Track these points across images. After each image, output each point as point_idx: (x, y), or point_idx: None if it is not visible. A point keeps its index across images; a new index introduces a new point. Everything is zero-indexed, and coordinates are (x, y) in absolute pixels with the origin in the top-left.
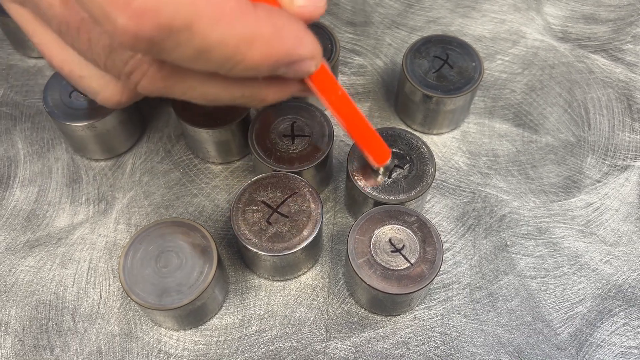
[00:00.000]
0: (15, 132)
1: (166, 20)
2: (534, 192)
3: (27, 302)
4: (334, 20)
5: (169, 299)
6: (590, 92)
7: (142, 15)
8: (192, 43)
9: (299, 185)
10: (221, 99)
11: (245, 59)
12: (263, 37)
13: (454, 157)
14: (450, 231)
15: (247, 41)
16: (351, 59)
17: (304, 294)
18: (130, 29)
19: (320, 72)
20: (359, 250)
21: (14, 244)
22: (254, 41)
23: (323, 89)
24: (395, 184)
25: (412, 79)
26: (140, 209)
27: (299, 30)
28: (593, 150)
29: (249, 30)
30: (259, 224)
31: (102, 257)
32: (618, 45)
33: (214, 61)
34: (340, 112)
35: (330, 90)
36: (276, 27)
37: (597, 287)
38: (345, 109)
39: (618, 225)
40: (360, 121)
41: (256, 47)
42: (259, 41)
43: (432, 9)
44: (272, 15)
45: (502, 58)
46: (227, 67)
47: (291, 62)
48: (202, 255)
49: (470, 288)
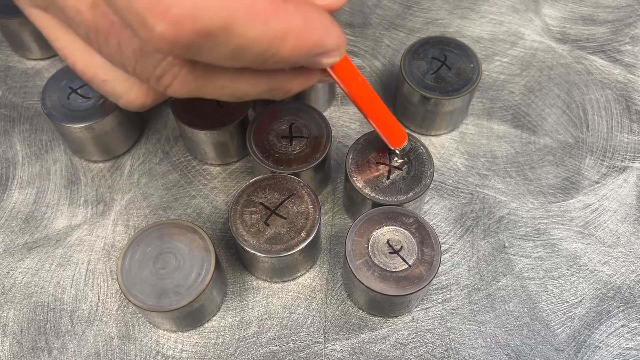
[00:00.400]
0: (13, 133)
1: (204, 24)
2: (532, 194)
3: (25, 304)
4: None
5: (167, 300)
6: (589, 93)
7: (180, 21)
8: (230, 43)
9: (297, 187)
10: (250, 95)
11: (279, 53)
12: (294, 30)
13: (452, 158)
14: (448, 232)
15: (281, 36)
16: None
17: (302, 295)
18: (169, 36)
19: (342, 61)
20: (357, 251)
21: (12, 245)
22: (287, 35)
23: (344, 77)
24: (393, 185)
25: (410, 80)
26: (138, 210)
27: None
28: (591, 152)
29: (282, 26)
30: (257, 225)
31: (100, 259)
32: (616, 46)
33: (249, 58)
34: (360, 98)
35: (351, 78)
36: (306, 19)
37: (596, 289)
38: (365, 95)
39: (616, 226)
40: (379, 106)
41: (289, 40)
42: (291, 35)
43: (430, 10)
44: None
45: (500, 59)
46: (260, 62)
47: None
48: (200, 257)
49: (469, 289)
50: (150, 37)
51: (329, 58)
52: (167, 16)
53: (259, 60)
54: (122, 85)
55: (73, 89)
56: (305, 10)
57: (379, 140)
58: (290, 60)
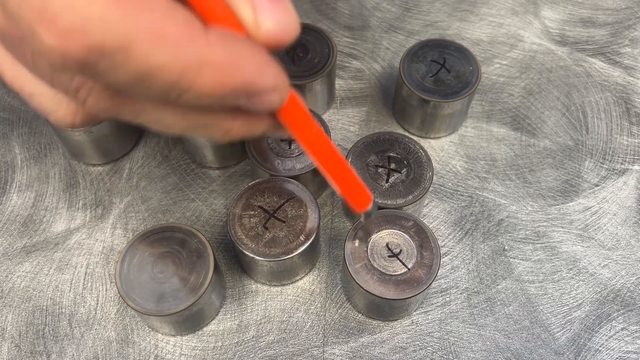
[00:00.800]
0: (12, 137)
1: (96, 41)
2: (532, 196)
3: (24, 308)
4: (332, 25)
5: (166, 304)
6: (588, 95)
7: (69, 35)
8: (129, 67)
9: (296, 190)
10: (178, 127)
11: (194, 87)
12: (214, 63)
13: (452, 161)
14: (448, 235)
15: (195, 67)
16: (349, 63)
17: (302, 299)
18: (58, 49)
19: (290, 107)
20: (356, 255)
21: (10, 249)
22: (203, 68)
23: (294, 125)
24: (392, 188)
25: (409, 83)
26: (137, 214)
27: (259, 58)
28: (591, 154)
29: (196, 56)
30: (256, 229)
31: (99, 263)
32: (616, 48)
33: (156, 87)
34: (315, 152)
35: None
36: (231, 53)
37: (596, 292)
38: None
39: (616, 229)
40: (338, 163)
41: (206, 74)
42: (209, 68)
43: (429, 12)
44: (227, 41)
45: (499, 62)
46: (173, 95)
47: (250, 93)
48: (199, 261)
49: (468, 293)
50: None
51: (266, 100)
52: (56, 27)
53: (172, 92)
54: (50, 100)
55: None
56: (232, 43)
57: (378, 143)
58: (212, 97)
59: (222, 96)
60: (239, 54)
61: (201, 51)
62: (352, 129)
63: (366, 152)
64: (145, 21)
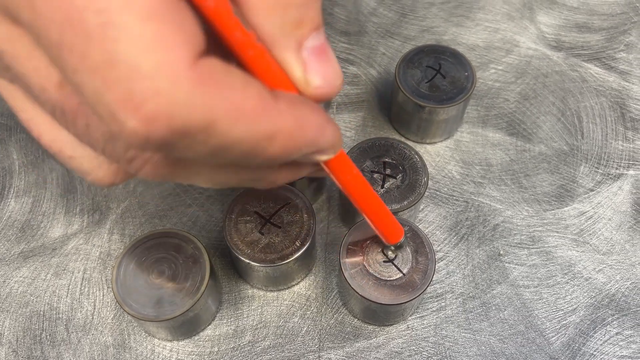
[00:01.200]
0: (10, 142)
1: (180, 123)
2: (527, 201)
3: (21, 313)
4: (328, 30)
5: (162, 310)
6: (584, 100)
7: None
8: (209, 143)
9: (291, 196)
10: (229, 184)
11: (266, 153)
12: (285, 131)
13: (448, 166)
14: (443, 240)
15: (269, 136)
16: (345, 68)
17: (297, 304)
18: (141, 133)
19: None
20: (352, 260)
21: (8, 254)
22: (276, 135)
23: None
24: (388, 193)
25: (404, 89)
26: (134, 219)
27: (321, 120)
28: (586, 159)
29: (270, 127)
30: (252, 234)
31: (96, 268)
32: (611, 53)
33: (231, 157)
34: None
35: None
36: (298, 118)
37: (590, 296)
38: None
39: (611, 234)
40: (375, 201)
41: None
42: (280, 135)
43: (425, 18)
44: (294, 107)
45: (495, 67)
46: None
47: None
48: (195, 266)
49: (464, 297)
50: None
51: (322, 155)
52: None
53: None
54: (89, 162)
55: None
56: (299, 108)
57: (373, 149)
58: (279, 160)
59: (288, 158)
60: (305, 118)
61: (274, 120)
62: (349, 134)
63: (362, 157)
64: (227, 100)
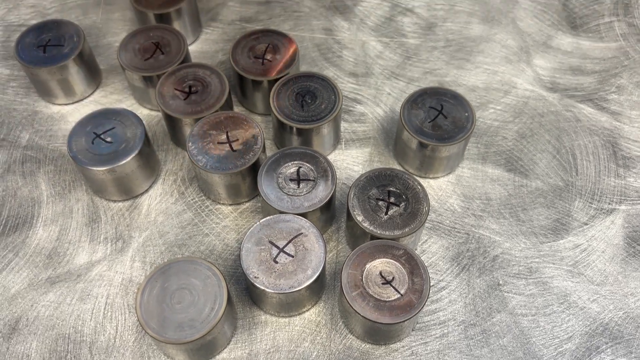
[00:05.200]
0: (39, 174)
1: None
2: (524, 234)
3: (48, 336)
4: (337, 71)
5: (182, 333)
6: (578, 139)
7: None
8: None
9: (304, 226)
10: None
11: None
12: None
13: (449, 199)
14: (446, 270)
15: None
16: (353, 107)
17: (308, 329)
18: None
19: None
20: (352, 283)
21: (36, 280)
22: None
23: None
24: (391, 220)
25: (409, 128)
26: (155, 247)
27: None
28: (580, 195)
29: None
30: (267, 262)
31: (118, 293)
32: (603, 95)
33: None
34: None
35: None
36: None
37: (585, 325)
38: None
39: (605, 265)
40: None
41: None
42: None
43: (428, 61)
44: None
45: (494, 107)
46: None
47: None
48: (213, 293)
49: (465, 325)
50: None
51: None
52: None
53: None
54: None
55: (97, 134)
56: None
57: (379, 178)
58: None
59: None
60: None
61: None
62: (356, 168)
63: (368, 185)
64: None
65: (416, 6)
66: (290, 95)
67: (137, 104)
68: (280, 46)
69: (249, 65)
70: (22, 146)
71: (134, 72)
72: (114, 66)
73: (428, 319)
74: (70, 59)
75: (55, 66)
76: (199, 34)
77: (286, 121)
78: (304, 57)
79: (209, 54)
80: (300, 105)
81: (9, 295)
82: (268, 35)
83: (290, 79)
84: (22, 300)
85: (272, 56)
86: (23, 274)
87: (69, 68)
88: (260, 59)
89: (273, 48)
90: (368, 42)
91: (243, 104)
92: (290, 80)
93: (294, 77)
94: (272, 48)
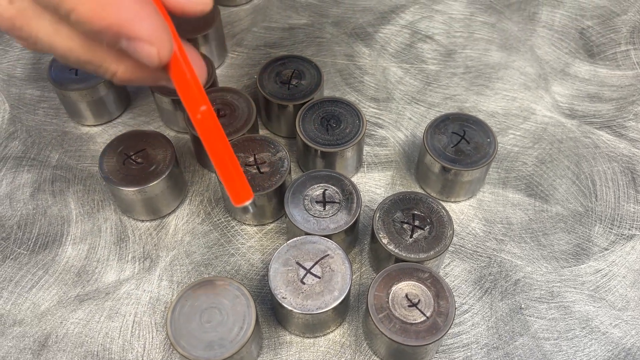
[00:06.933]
0: (68, 193)
1: None
2: (545, 258)
3: (76, 353)
4: (359, 96)
5: (212, 352)
6: (597, 165)
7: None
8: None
9: (330, 248)
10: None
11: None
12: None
13: (471, 223)
14: (468, 294)
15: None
16: (375, 131)
17: (333, 350)
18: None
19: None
20: (379, 305)
21: (65, 297)
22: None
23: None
24: (416, 243)
25: (432, 152)
26: (182, 267)
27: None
28: (600, 220)
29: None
30: (294, 283)
31: (146, 312)
32: (621, 122)
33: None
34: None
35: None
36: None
37: (607, 350)
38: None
39: (626, 291)
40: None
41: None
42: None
43: (448, 86)
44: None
45: (514, 132)
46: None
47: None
48: (241, 312)
49: (488, 348)
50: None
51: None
52: None
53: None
54: None
55: (128, 155)
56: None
57: (404, 201)
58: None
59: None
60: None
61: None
62: (379, 191)
63: (393, 209)
64: None
65: (436, 33)
66: (316, 119)
67: (164, 126)
68: (305, 72)
69: (275, 90)
70: (52, 166)
71: (163, 95)
72: (141, 89)
73: (451, 341)
74: (101, 82)
75: (86, 88)
76: (225, 59)
77: (312, 144)
78: (327, 82)
79: (235, 78)
80: (325, 129)
81: (39, 312)
82: (294, 61)
83: (316, 104)
84: (51, 317)
85: (298, 81)
86: (52, 291)
87: (99, 90)
88: (287, 84)
89: (299, 73)
90: (389, 68)
91: (267, 127)
92: (315, 105)
93: (319, 101)
94: (297, 73)
